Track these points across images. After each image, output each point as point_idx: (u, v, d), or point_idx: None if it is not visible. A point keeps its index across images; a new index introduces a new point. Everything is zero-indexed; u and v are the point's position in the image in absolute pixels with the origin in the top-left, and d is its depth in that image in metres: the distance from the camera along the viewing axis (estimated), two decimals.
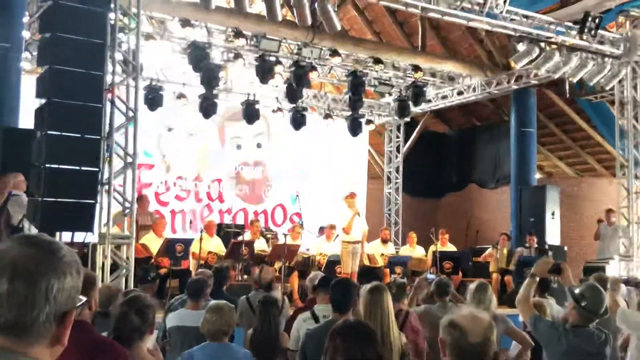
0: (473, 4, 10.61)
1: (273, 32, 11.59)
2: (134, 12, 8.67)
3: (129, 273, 8.28)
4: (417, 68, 13.42)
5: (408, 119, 16.39)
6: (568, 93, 13.86)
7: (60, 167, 7.50)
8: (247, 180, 15.23)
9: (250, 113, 13.61)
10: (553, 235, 13.70)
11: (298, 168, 15.75)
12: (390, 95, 15.32)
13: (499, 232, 13.36)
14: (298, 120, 14.21)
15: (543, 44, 11.48)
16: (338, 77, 13.95)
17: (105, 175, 8.13)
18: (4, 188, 7.65)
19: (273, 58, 11.98)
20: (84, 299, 1.47)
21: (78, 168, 7.62)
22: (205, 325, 4.43)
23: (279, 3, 9.80)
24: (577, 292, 4.21)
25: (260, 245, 11.52)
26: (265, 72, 11.94)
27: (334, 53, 12.29)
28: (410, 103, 14.39)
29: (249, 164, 15.28)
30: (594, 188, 16.63)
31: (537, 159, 15.08)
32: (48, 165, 7.40)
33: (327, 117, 15.32)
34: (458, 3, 10.47)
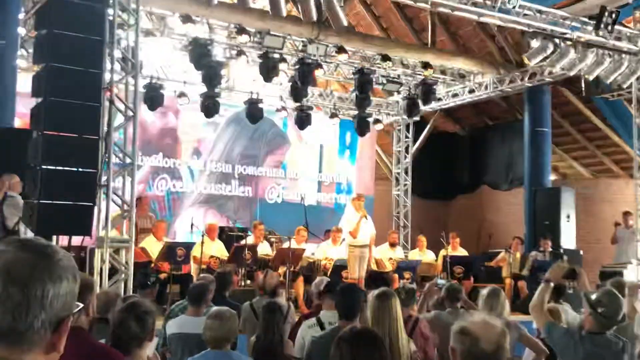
0: None
1: (277, 28, 11.59)
2: (133, 7, 8.68)
3: (128, 278, 8.29)
4: (426, 65, 13.39)
5: (417, 118, 16.35)
6: (584, 91, 13.81)
7: (57, 168, 7.52)
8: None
9: (254, 113, 13.62)
10: (568, 239, 13.66)
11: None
12: (399, 94, 15.30)
13: (512, 235, 13.32)
14: (303, 120, 14.22)
15: (558, 40, 11.45)
16: (344, 74, 13.92)
17: (104, 177, 8.15)
18: None
19: (277, 55, 11.98)
20: (81, 305, 1.47)
21: (75, 169, 7.64)
22: (207, 332, 4.43)
23: None
24: (593, 298, 4.19)
25: (264, 249, 11.52)
26: (269, 69, 11.93)
27: (340, 50, 12.29)
28: (420, 101, 14.38)
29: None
30: (611, 189, 16.57)
31: (551, 160, 15.04)
32: (44, 167, 7.41)
33: (333, 116, 15.32)
34: None
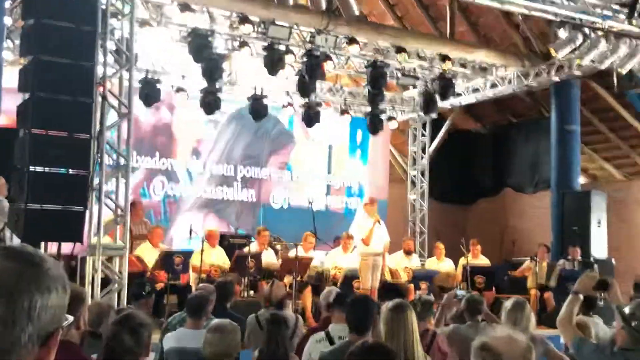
0: None
1: (283, 17, 11.60)
2: None
3: (122, 288, 8.31)
4: (445, 58, 13.36)
5: (435, 116, 16.31)
6: (616, 85, 13.75)
7: (46, 169, 7.55)
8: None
9: (258, 109, 13.63)
10: (599, 247, 13.62)
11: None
12: (415, 89, 15.31)
13: (538, 242, 13.29)
14: (311, 117, 14.21)
15: (587, 30, 11.42)
16: (356, 68, 13.93)
17: (96, 179, 8.16)
18: None
19: (283, 47, 11.98)
20: (71, 318, 1.47)
21: (65, 171, 7.67)
22: (207, 347, 4.43)
23: None
24: (626, 310, 4.16)
25: (269, 258, 11.51)
26: (274, 62, 11.94)
27: (352, 41, 12.28)
28: (437, 97, 14.36)
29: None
30: None
31: (580, 161, 14.99)
32: (32, 168, 7.44)
33: (343, 113, 15.32)
34: None
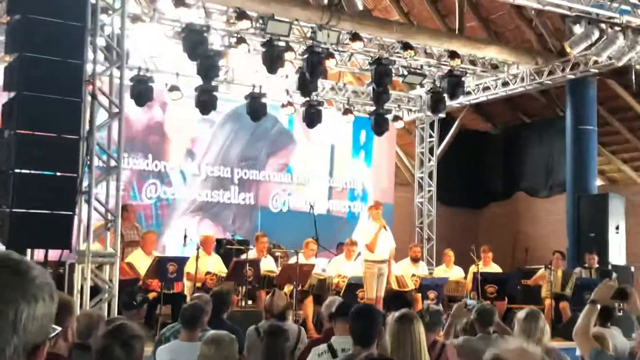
0: None
1: (282, 12, 11.60)
2: None
3: (113, 297, 8.30)
4: (453, 54, 13.37)
5: (443, 115, 16.32)
6: (634, 84, 13.76)
7: (32, 172, 7.55)
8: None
9: (256, 108, 13.62)
10: (617, 254, 13.61)
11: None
12: (422, 87, 15.27)
13: (552, 249, 13.26)
14: (312, 117, 14.20)
15: (604, 25, 11.41)
16: (359, 65, 13.93)
17: (85, 182, 8.16)
18: None
19: (282, 43, 11.99)
20: (59, 329, 1.47)
21: (53, 173, 7.67)
22: None
23: None
24: None
25: (268, 265, 11.50)
26: (274, 60, 11.94)
27: (355, 37, 12.28)
28: (446, 96, 14.35)
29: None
30: None
31: (597, 162, 14.99)
32: (17, 171, 7.44)
33: (346, 112, 15.31)
34: None
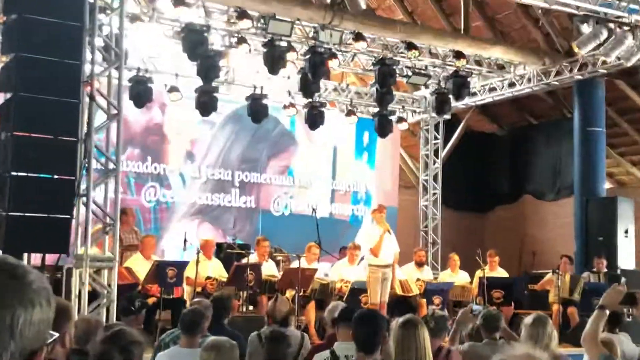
0: None
1: (284, 11, 11.61)
2: None
3: (111, 303, 8.29)
4: (459, 55, 13.37)
5: (448, 117, 16.32)
6: None
7: (29, 175, 7.55)
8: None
9: (257, 110, 13.62)
10: (626, 258, 13.60)
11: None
12: (427, 88, 15.28)
13: (560, 253, 13.26)
14: (314, 118, 14.20)
15: (613, 25, 11.41)
16: (363, 65, 13.94)
17: (83, 185, 8.17)
18: None
19: (284, 43, 12.00)
20: (56, 334, 1.47)
21: (50, 176, 7.67)
22: None
23: None
24: None
25: (269, 269, 11.50)
26: (275, 60, 11.94)
27: (358, 37, 12.28)
28: (451, 97, 14.36)
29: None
30: None
31: (606, 165, 14.97)
32: (14, 173, 7.44)
33: (349, 113, 15.31)
34: None
